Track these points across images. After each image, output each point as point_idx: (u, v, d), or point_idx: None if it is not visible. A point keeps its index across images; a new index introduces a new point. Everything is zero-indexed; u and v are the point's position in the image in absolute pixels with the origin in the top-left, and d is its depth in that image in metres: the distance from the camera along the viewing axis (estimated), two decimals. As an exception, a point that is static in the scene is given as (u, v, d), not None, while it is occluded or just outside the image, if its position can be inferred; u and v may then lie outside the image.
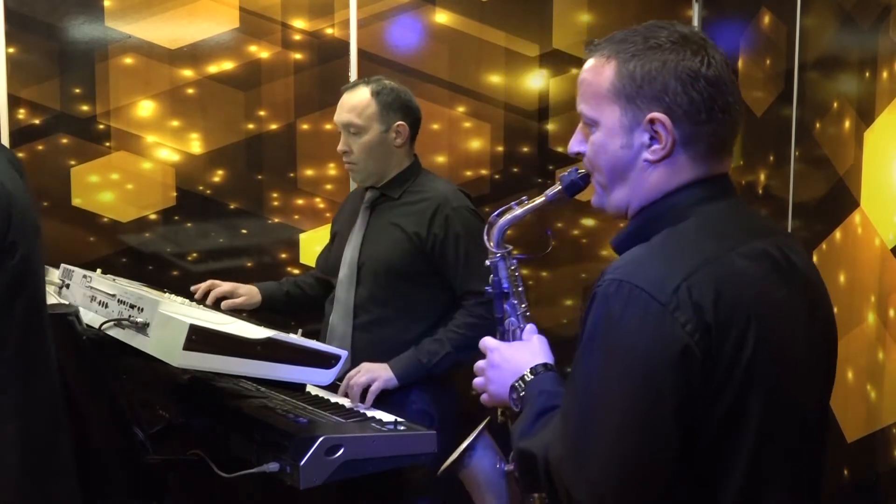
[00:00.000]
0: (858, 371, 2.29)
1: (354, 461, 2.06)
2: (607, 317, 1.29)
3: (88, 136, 3.47)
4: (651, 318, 1.26)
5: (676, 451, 1.27)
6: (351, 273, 2.76)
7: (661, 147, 1.37)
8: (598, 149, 1.43)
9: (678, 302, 1.26)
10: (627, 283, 1.28)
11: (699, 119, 1.37)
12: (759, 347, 1.30)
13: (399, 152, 2.77)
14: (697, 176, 1.40)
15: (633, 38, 1.40)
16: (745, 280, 1.33)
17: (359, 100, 2.73)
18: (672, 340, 1.25)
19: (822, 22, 2.60)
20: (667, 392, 1.25)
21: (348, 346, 2.72)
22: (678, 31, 1.41)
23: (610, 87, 1.39)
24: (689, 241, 1.35)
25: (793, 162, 2.73)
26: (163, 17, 3.48)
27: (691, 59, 1.36)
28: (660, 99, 1.36)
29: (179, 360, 2.00)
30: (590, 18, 3.67)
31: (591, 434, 1.28)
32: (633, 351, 1.26)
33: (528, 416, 1.44)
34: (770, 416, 1.32)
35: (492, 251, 1.74)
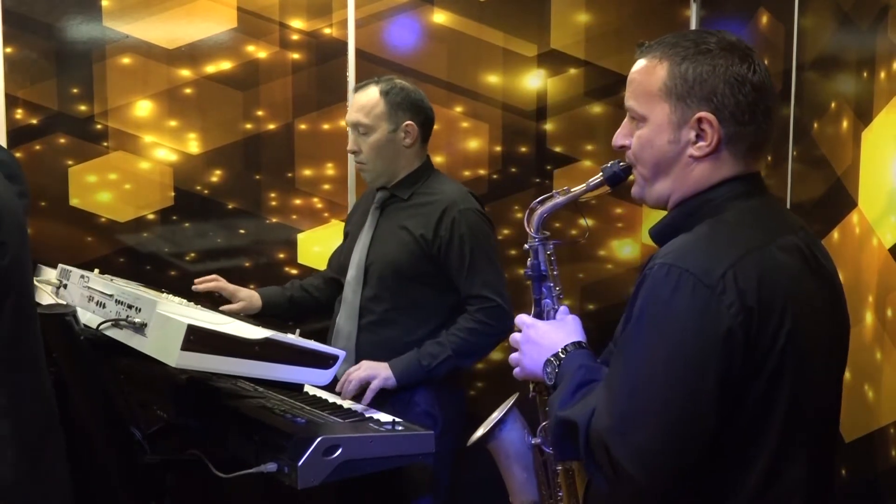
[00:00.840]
0: (856, 371, 2.29)
1: (352, 461, 2.06)
2: (657, 298, 1.39)
3: (86, 136, 3.47)
4: (698, 300, 1.36)
5: (716, 426, 1.37)
6: (358, 273, 2.76)
7: (706, 144, 1.49)
8: (644, 143, 1.53)
9: (724, 286, 1.36)
10: (677, 267, 1.38)
11: (743, 120, 1.48)
12: (792, 335, 1.40)
13: (408, 152, 2.77)
14: (736, 173, 1.51)
15: (685, 43, 1.51)
16: (782, 270, 1.43)
17: (368, 99, 2.74)
18: (718, 321, 1.35)
19: (820, 22, 2.60)
20: (711, 370, 1.35)
21: (353, 346, 2.73)
22: (726, 38, 1.51)
23: (662, 87, 1.50)
24: (732, 231, 1.46)
25: (791, 162, 2.73)
26: (161, 17, 3.48)
27: (739, 64, 1.48)
28: (709, 100, 1.47)
29: (177, 361, 2.00)
30: (588, 18, 3.67)
31: (638, 407, 1.37)
32: (681, 330, 1.36)
33: (568, 388, 1.50)
34: (797, 400, 1.42)
35: (531, 236, 1.81)
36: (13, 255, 1.80)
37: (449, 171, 3.55)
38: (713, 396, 1.35)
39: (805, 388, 1.43)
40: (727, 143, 1.49)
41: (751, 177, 1.53)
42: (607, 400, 1.40)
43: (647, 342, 1.39)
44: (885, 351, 2.14)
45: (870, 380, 2.22)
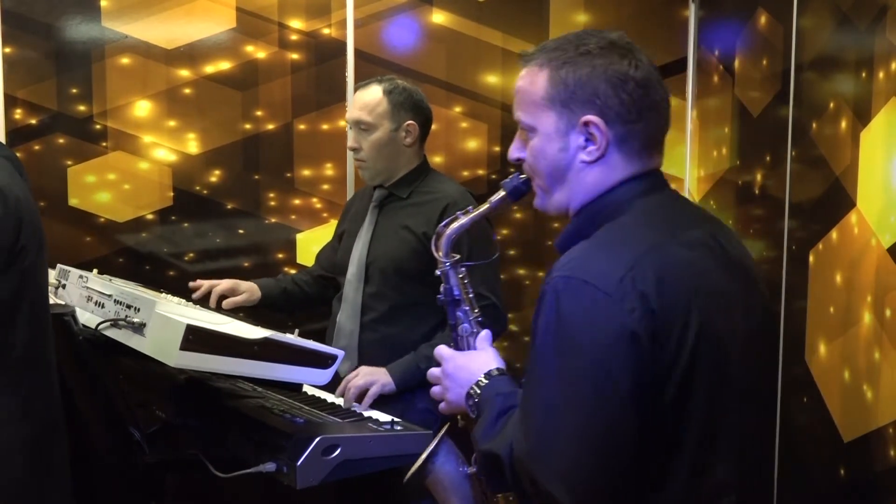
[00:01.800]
0: (855, 371, 2.29)
1: (351, 461, 2.06)
2: (558, 312, 1.35)
3: (85, 136, 3.47)
4: (599, 309, 1.32)
5: (636, 431, 1.33)
6: (359, 272, 2.77)
7: (596, 148, 1.45)
8: (537, 154, 1.50)
9: (623, 292, 1.33)
10: (575, 278, 1.35)
11: (630, 119, 1.45)
12: (702, 329, 1.36)
13: (408, 151, 2.79)
14: (632, 173, 1.48)
15: (564, 46, 1.47)
16: (684, 266, 1.40)
17: (370, 98, 2.75)
18: (621, 328, 1.31)
19: (818, 22, 2.60)
20: (621, 378, 1.31)
21: (355, 345, 2.74)
22: (606, 37, 1.48)
23: (544, 95, 1.47)
24: (629, 233, 1.42)
25: (789, 162, 2.73)
26: (160, 18, 3.48)
27: (619, 62, 1.44)
28: (592, 102, 1.44)
29: (176, 361, 2.00)
30: (586, 18, 3.67)
31: (554, 428, 1.34)
32: (586, 342, 1.32)
33: (488, 419, 1.49)
34: (716, 394, 1.39)
35: (441, 261, 1.79)
36: (32, 259, 1.82)
37: (448, 171, 3.55)
38: (628, 405, 1.32)
39: (726, 383, 1.40)
40: (618, 144, 1.45)
41: (648, 174, 1.49)
42: (523, 425, 1.38)
43: (554, 360, 1.35)
44: (883, 351, 2.15)
45: (868, 380, 2.22)
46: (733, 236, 1.55)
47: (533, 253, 3.70)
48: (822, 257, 2.49)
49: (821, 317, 2.49)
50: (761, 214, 2.97)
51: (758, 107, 3.02)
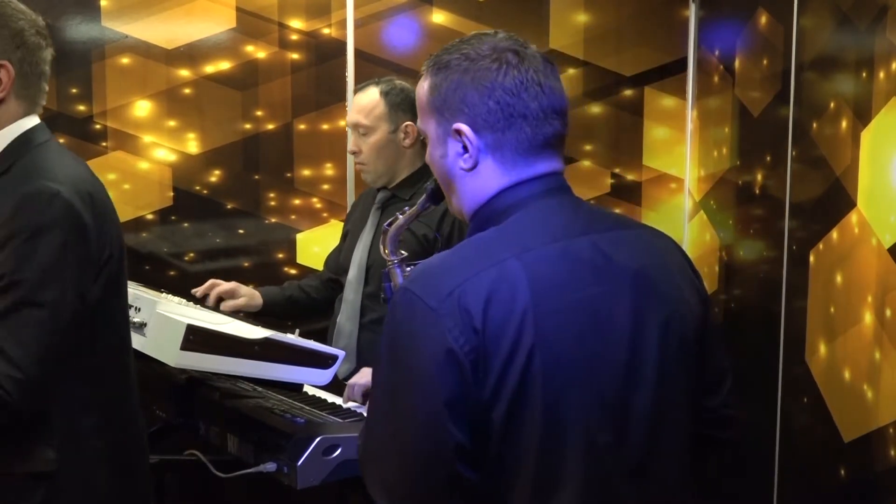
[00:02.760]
0: (855, 371, 2.29)
1: (352, 461, 2.06)
2: (392, 323, 1.38)
3: (85, 135, 3.46)
4: (422, 323, 1.33)
5: (456, 446, 1.32)
6: (360, 273, 2.77)
7: (469, 156, 1.44)
8: (429, 160, 1.52)
9: (446, 308, 1.32)
10: (409, 290, 1.36)
11: (499, 127, 1.42)
12: (538, 345, 1.32)
13: (409, 153, 2.78)
14: (511, 181, 1.45)
15: (445, 54, 1.46)
16: (525, 281, 1.34)
17: (367, 100, 2.75)
18: (440, 343, 1.31)
19: (819, 22, 2.60)
20: (437, 392, 1.31)
21: (354, 345, 2.73)
22: (487, 41, 1.45)
23: (426, 101, 1.47)
24: (480, 247, 1.41)
25: (790, 162, 2.73)
26: (160, 17, 3.48)
27: (488, 69, 1.42)
28: (461, 110, 1.42)
29: (177, 360, 2.00)
30: (587, 18, 3.67)
31: (377, 438, 1.39)
32: (409, 354, 1.34)
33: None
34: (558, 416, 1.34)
35: (389, 259, 1.84)
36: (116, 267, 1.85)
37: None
38: (443, 420, 1.30)
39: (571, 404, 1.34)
40: (491, 152, 1.43)
41: (530, 182, 1.44)
42: (361, 432, 1.45)
43: (384, 369, 1.38)
44: (883, 351, 2.15)
45: (868, 380, 2.22)
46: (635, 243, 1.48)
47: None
48: (823, 257, 2.49)
49: (821, 317, 2.49)
50: (761, 214, 2.97)
51: (758, 107, 3.02)
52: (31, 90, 1.84)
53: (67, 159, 1.87)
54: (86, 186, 1.80)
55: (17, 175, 1.76)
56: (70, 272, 1.71)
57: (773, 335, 2.76)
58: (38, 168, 1.78)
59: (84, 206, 1.75)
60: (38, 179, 1.74)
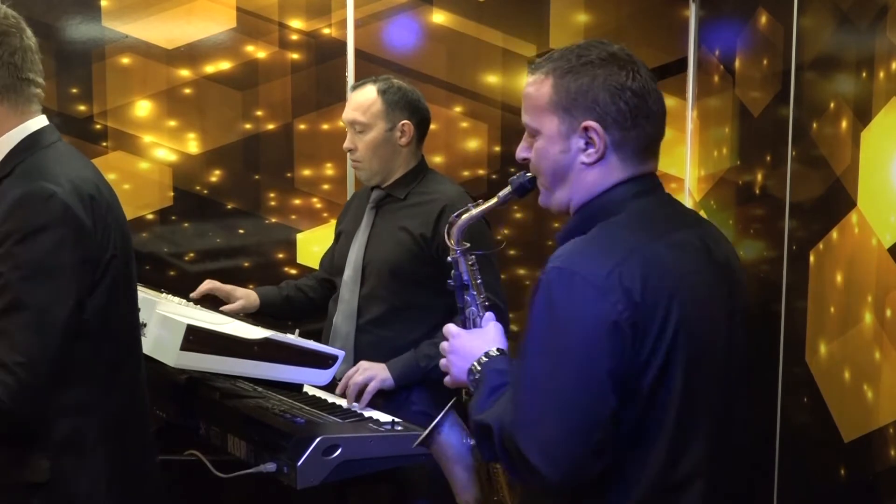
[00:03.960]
0: (855, 371, 2.29)
1: (352, 461, 2.06)
2: (550, 299, 1.50)
3: (85, 135, 3.46)
4: (586, 299, 1.48)
5: (613, 410, 1.47)
6: (355, 273, 2.76)
7: (595, 151, 1.60)
8: (540, 155, 1.64)
9: (609, 285, 1.47)
10: (566, 269, 1.50)
11: (626, 125, 1.59)
12: (681, 326, 1.51)
13: (404, 151, 2.78)
14: (627, 175, 1.62)
15: (568, 56, 1.61)
16: (667, 266, 1.54)
17: (364, 98, 2.74)
18: (604, 317, 1.46)
19: (819, 22, 2.60)
20: (601, 361, 1.46)
21: (351, 346, 2.73)
22: (607, 49, 1.62)
23: (548, 101, 1.61)
24: (620, 233, 1.57)
25: (790, 162, 2.73)
26: (160, 17, 3.48)
27: (618, 73, 1.59)
28: (592, 109, 1.58)
29: (176, 361, 2.01)
30: (587, 18, 3.67)
31: (536, 401, 1.48)
32: (572, 326, 1.48)
33: (483, 393, 1.62)
34: (693, 385, 1.53)
35: (452, 248, 1.93)
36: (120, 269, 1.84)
37: (448, 171, 3.55)
38: (605, 386, 1.46)
39: (702, 374, 1.54)
40: (615, 149, 1.60)
41: (643, 177, 1.64)
42: (512, 398, 1.52)
43: (542, 340, 1.50)
44: (883, 351, 2.14)
45: (869, 380, 2.22)
46: (722, 239, 1.72)
47: (533, 253, 3.69)
48: (823, 257, 2.49)
49: (821, 317, 2.49)
50: (761, 214, 2.97)
51: (758, 107, 3.02)
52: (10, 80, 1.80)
53: (74, 161, 1.86)
54: (87, 188, 1.79)
55: (17, 176, 1.75)
56: (64, 274, 1.68)
57: (773, 335, 2.75)
58: (38, 169, 1.77)
59: (83, 208, 1.73)
60: (36, 180, 1.73)
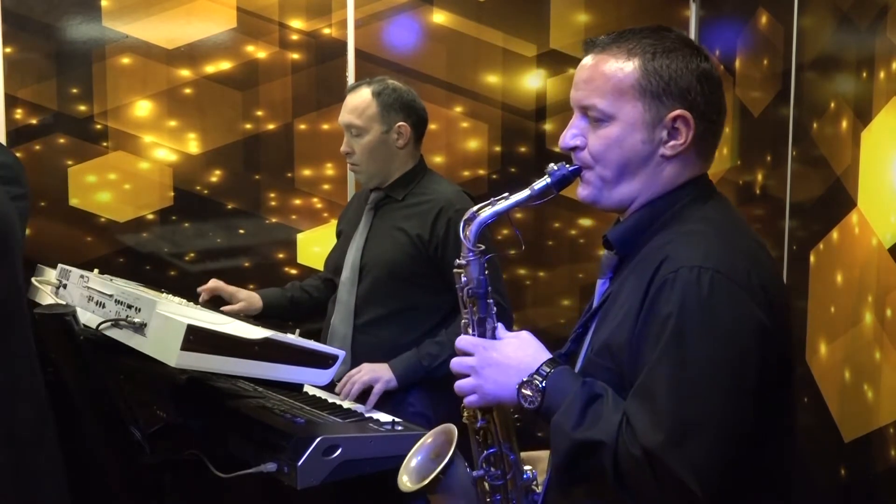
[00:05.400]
0: (856, 371, 2.29)
1: (352, 461, 2.06)
2: (694, 303, 1.34)
3: (86, 136, 3.47)
4: (735, 300, 1.35)
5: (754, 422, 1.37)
6: (353, 274, 2.76)
7: (680, 143, 1.46)
8: (611, 143, 1.47)
9: (753, 286, 1.36)
10: (707, 269, 1.35)
11: (712, 118, 1.47)
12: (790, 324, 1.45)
13: (402, 153, 2.77)
14: (699, 172, 1.51)
15: (649, 38, 1.47)
16: (773, 264, 1.48)
17: (359, 100, 2.73)
18: (754, 320, 1.35)
19: (819, 22, 2.60)
20: (753, 368, 1.35)
21: (349, 347, 2.72)
22: (680, 34, 1.50)
23: (634, 84, 1.45)
24: (732, 230, 1.45)
25: (790, 162, 2.73)
26: (160, 17, 3.48)
27: (705, 62, 1.46)
28: (683, 97, 1.44)
29: (177, 361, 2.00)
30: (587, 18, 3.67)
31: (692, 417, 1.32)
32: (725, 333, 1.34)
33: (575, 408, 1.41)
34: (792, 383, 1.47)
35: (468, 249, 1.61)
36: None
37: (448, 171, 3.55)
38: (753, 397, 1.35)
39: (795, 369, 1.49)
40: (697, 142, 1.46)
41: (707, 177, 1.53)
42: (651, 414, 1.34)
43: (691, 348, 1.33)
44: (884, 351, 2.14)
45: (869, 380, 2.22)
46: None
47: (533, 253, 3.70)
48: (823, 257, 2.49)
49: (821, 317, 2.49)
50: (762, 214, 2.97)
51: (759, 107, 3.02)
52: None
53: None
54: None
55: None
56: None
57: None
58: None
59: None
60: None
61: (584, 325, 1.59)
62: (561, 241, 3.71)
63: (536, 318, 3.67)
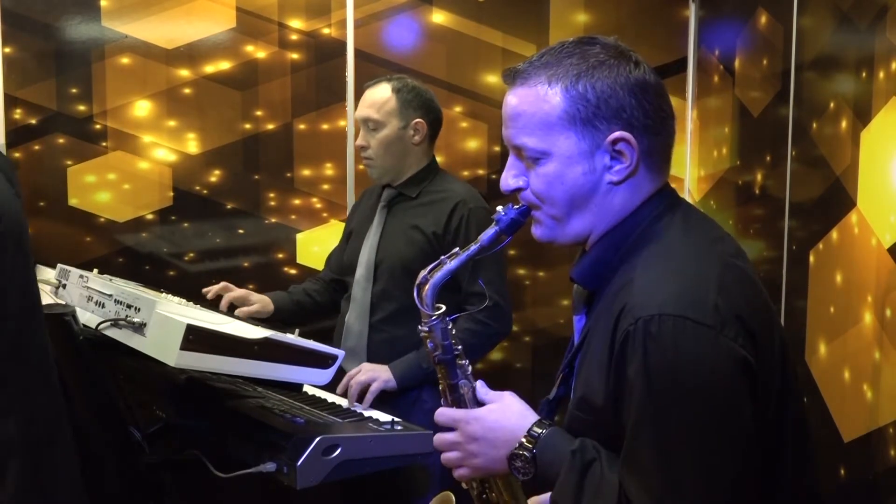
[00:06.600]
0: (855, 371, 2.29)
1: (351, 461, 2.06)
2: (663, 359, 1.23)
3: (85, 136, 3.47)
4: (706, 344, 1.22)
5: (757, 461, 1.28)
6: (368, 272, 2.77)
7: (625, 166, 1.34)
8: (552, 180, 1.36)
9: (722, 319, 1.23)
10: (667, 315, 1.23)
11: (655, 130, 1.35)
12: (781, 345, 1.32)
13: (416, 150, 2.78)
14: (654, 189, 1.39)
15: (570, 59, 1.34)
16: (751, 280, 1.33)
17: (379, 95, 2.75)
18: (733, 357, 1.23)
19: (818, 22, 2.60)
20: (744, 410, 1.24)
21: (364, 344, 2.74)
22: (609, 43, 1.37)
23: (561, 114, 1.33)
24: (685, 253, 1.33)
25: (789, 162, 2.73)
26: (159, 17, 3.48)
27: (635, 70, 1.33)
28: (618, 116, 1.32)
29: (176, 360, 2.00)
30: (586, 18, 3.67)
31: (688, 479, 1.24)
32: (703, 384, 1.22)
33: (570, 483, 1.33)
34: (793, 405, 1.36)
35: (427, 314, 1.54)
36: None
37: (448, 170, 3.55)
38: (752, 440, 1.25)
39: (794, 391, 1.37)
40: (644, 159, 1.34)
41: (666, 189, 1.40)
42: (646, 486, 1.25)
43: (668, 409, 1.23)
44: (883, 351, 2.15)
45: (869, 380, 2.22)
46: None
47: (533, 253, 3.70)
48: (823, 257, 2.49)
49: (821, 317, 2.49)
50: (761, 214, 2.97)
51: (758, 107, 3.02)
52: None
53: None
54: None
55: None
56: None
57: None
58: None
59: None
60: None
61: (569, 366, 1.49)
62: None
63: (536, 318, 3.67)
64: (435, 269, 1.52)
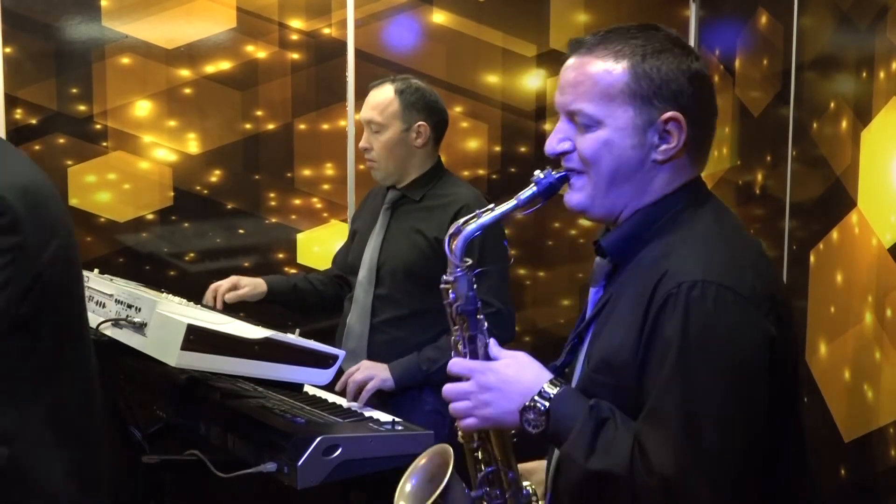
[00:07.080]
0: (856, 371, 2.29)
1: (352, 461, 2.06)
2: (699, 322, 1.29)
3: (85, 136, 3.46)
4: (742, 314, 1.30)
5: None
6: (370, 274, 2.76)
7: (672, 147, 1.40)
8: (601, 146, 1.41)
9: (758, 296, 1.31)
10: (715, 283, 1.30)
11: (704, 121, 1.43)
12: (794, 328, 1.40)
13: (420, 153, 2.77)
14: (692, 176, 1.45)
15: (637, 39, 1.43)
16: (778, 274, 1.47)
17: (382, 97, 2.74)
18: (764, 332, 1.31)
19: (819, 22, 2.60)
20: (764, 385, 1.31)
21: (365, 346, 2.73)
22: (671, 33, 1.46)
23: (624, 87, 1.40)
24: (725, 237, 1.40)
25: (790, 162, 2.73)
26: (160, 17, 3.48)
27: (696, 62, 1.42)
28: (675, 99, 1.39)
29: (177, 360, 2.00)
30: (587, 18, 3.67)
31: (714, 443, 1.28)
32: (736, 351, 1.29)
33: (584, 436, 1.35)
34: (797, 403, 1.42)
35: (455, 265, 1.54)
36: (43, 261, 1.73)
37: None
38: (766, 410, 1.31)
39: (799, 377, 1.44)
40: (689, 145, 1.41)
41: (700, 180, 1.48)
42: (664, 441, 1.29)
43: (700, 371, 1.28)
44: (884, 351, 2.15)
45: (869, 379, 2.22)
46: None
47: (533, 253, 3.70)
48: (823, 257, 2.49)
49: (821, 317, 2.49)
50: (762, 214, 2.97)
51: (758, 107, 3.02)
52: None
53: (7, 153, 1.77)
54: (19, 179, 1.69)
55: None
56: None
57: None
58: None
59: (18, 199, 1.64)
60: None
61: (578, 336, 1.53)
62: (561, 241, 3.71)
63: (536, 318, 3.67)
64: (469, 222, 1.54)
